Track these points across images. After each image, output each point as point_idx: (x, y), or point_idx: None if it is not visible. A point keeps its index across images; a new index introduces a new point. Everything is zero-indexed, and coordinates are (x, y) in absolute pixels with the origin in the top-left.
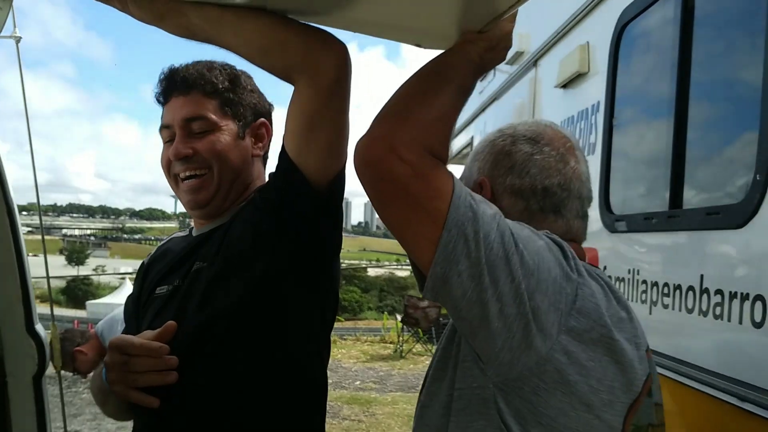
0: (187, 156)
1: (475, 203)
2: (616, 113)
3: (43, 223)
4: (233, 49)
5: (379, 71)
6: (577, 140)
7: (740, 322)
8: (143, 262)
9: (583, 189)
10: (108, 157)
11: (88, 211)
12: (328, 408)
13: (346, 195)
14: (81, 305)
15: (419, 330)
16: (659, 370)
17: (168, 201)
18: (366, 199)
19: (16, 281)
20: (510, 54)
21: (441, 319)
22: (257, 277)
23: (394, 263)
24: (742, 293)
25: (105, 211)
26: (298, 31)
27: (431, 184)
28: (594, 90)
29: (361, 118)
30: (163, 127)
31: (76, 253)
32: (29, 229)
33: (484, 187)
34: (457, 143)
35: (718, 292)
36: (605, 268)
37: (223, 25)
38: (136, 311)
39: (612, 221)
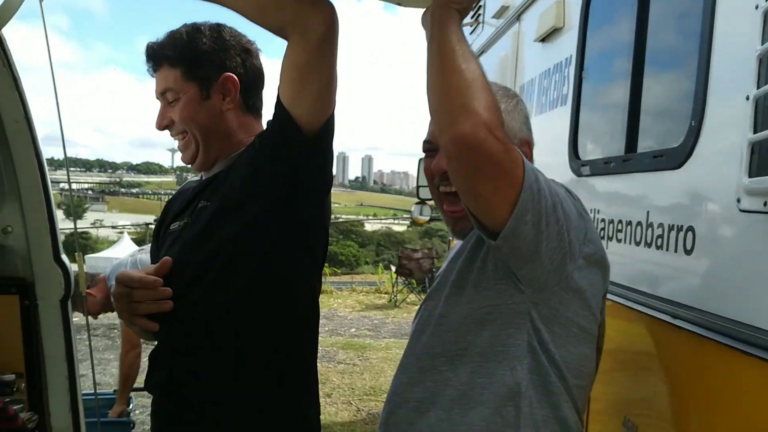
0: (166, 126)
1: (533, 168)
2: (585, 67)
3: None
4: (233, 8)
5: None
6: None
7: (675, 251)
8: (167, 201)
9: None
10: (105, 111)
11: (86, 165)
12: (324, 353)
13: (343, 150)
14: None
15: (413, 280)
16: (614, 298)
17: (165, 155)
18: (363, 153)
19: (45, 216)
20: (496, 8)
21: (434, 270)
22: (254, 211)
23: (391, 218)
24: (678, 225)
25: (102, 165)
26: None
27: (513, 156)
28: (568, 44)
29: (355, 66)
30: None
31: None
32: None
33: (530, 146)
34: None
35: (660, 225)
36: None
37: None
38: (155, 245)
39: (578, 166)
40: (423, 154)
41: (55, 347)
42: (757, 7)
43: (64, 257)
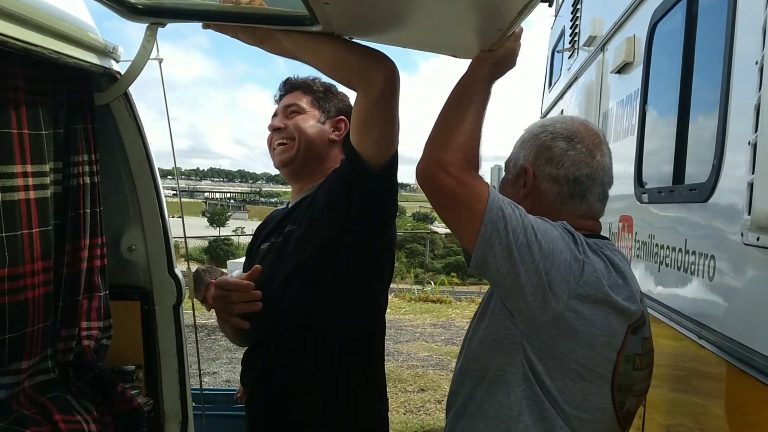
0: (279, 128)
1: (504, 205)
2: (648, 100)
3: (186, 186)
4: (312, 65)
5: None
6: (604, 135)
7: (702, 276)
8: (258, 226)
9: (605, 177)
10: (244, 124)
11: (228, 176)
12: (437, 361)
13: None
14: (222, 263)
15: None
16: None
17: None
18: (492, 163)
19: (162, 237)
20: (585, 37)
21: None
22: (330, 235)
23: None
24: (704, 254)
25: (243, 176)
26: (358, 51)
27: (472, 191)
28: (636, 78)
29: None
30: (273, 116)
31: (217, 215)
32: (174, 192)
33: (528, 172)
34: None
35: (693, 252)
36: (637, 233)
37: (304, 47)
38: (248, 261)
39: (640, 193)
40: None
41: (167, 345)
42: (756, 63)
43: (177, 271)
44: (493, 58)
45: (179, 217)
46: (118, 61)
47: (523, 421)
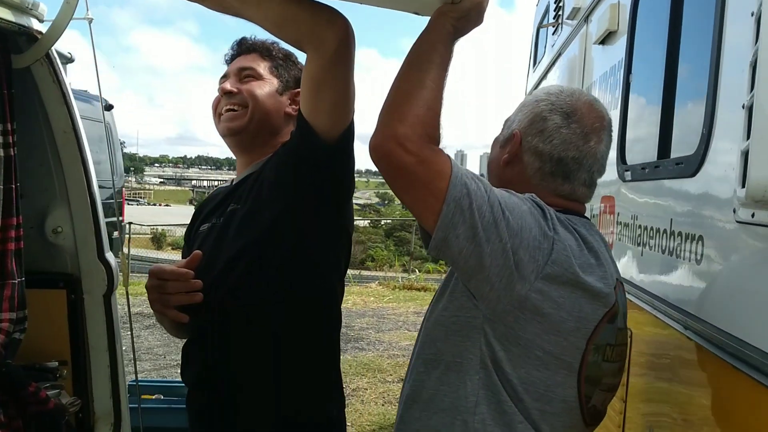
0: (231, 92)
1: (468, 180)
2: (632, 71)
3: (174, 174)
4: (256, 22)
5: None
6: (610, 121)
7: (689, 260)
8: (196, 207)
9: (595, 165)
10: None
11: (216, 163)
12: None
13: (461, 148)
14: None
15: None
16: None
17: None
18: (482, 151)
19: (90, 218)
20: (569, 9)
21: None
22: (278, 213)
23: None
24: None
25: (231, 164)
26: (307, 7)
27: (433, 168)
28: (620, 48)
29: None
30: (222, 77)
31: None
32: (161, 180)
33: (515, 139)
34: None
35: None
36: (619, 213)
37: (248, 4)
38: (186, 247)
39: (623, 171)
40: None
41: (98, 338)
42: (752, 14)
43: (108, 256)
44: (457, 11)
45: (167, 205)
46: (41, 21)
47: (480, 414)
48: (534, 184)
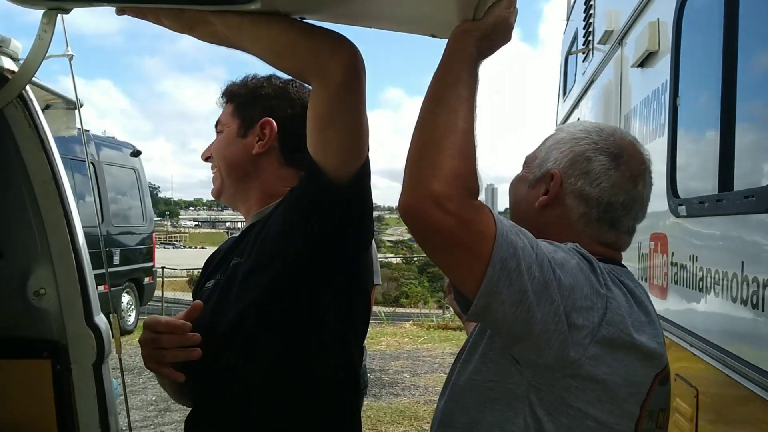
0: (208, 158)
1: (515, 238)
2: (680, 93)
3: (208, 217)
4: (254, 54)
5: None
6: (650, 162)
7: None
8: (207, 259)
9: (640, 212)
10: None
11: None
12: None
13: (492, 181)
14: None
15: None
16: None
17: None
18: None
19: (75, 278)
20: (600, 33)
21: None
22: (280, 270)
23: None
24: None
25: None
26: (307, 34)
27: (475, 228)
28: (663, 69)
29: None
30: None
31: None
32: (196, 223)
33: (555, 179)
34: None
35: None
36: (673, 254)
37: (242, 32)
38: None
39: (675, 205)
40: None
41: (88, 413)
42: None
43: (98, 319)
44: (480, 29)
45: (202, 247)
46: (16, 59)
47: None
48: (577, 231)
